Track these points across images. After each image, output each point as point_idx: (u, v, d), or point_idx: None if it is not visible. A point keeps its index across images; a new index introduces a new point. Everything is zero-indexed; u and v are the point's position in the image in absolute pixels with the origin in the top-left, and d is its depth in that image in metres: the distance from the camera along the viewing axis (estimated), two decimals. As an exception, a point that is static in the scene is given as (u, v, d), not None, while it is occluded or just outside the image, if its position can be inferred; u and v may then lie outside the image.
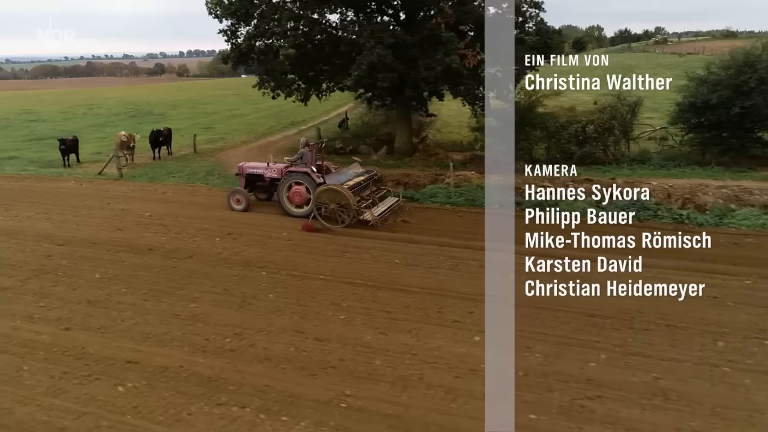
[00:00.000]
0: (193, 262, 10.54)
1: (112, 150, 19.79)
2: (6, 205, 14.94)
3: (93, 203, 15.08)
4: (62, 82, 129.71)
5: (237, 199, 14.11)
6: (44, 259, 10.76)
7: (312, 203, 12.93)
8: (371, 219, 12.53)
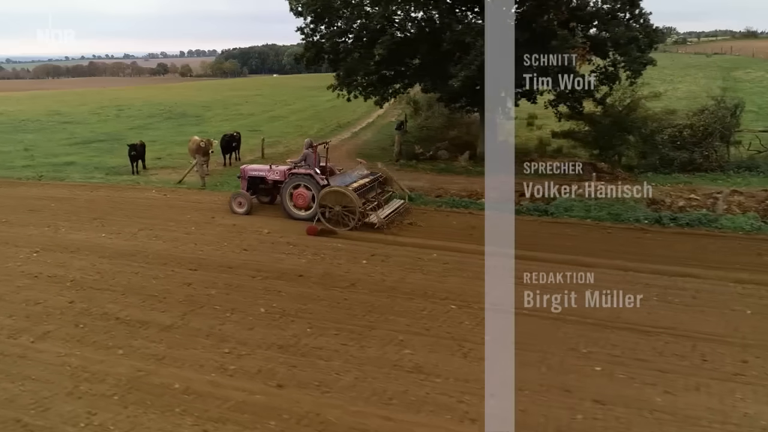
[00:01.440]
0: (360, 291, 9.12)
1: (195, 157, 18.36)
2: (100, 220, 13.50)
3: (195, 217, 13.64)
4: (66, 82, 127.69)
5: (239, 202, 13.64)
6: (186, 288, 9.32)
7: (316, 206, 12.48)
8: (377, 222, 12.16)
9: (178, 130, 31.88)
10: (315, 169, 13.00)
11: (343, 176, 13.30)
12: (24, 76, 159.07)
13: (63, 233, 12.55)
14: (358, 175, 13.63)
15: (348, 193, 12.26)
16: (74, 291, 9.24)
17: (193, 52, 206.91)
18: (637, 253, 10.58)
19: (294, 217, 13.02)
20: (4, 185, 18.16)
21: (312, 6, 18.27)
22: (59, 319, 8.22)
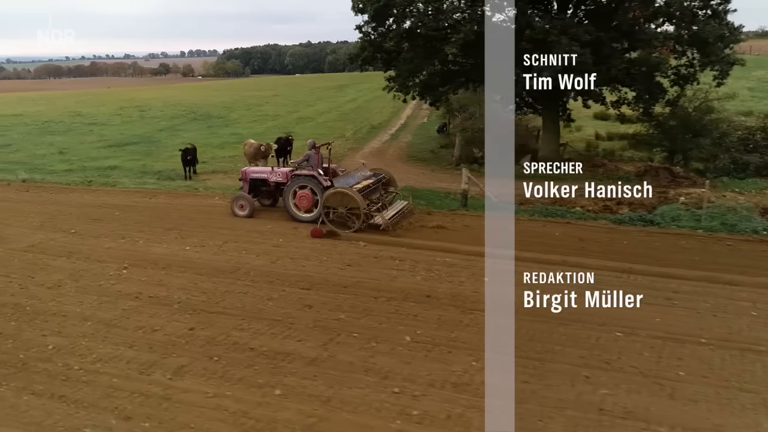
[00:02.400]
0: (505, 317, 8.18)
1: (251, 162, 17.46)
2: (176, 230, 12.57)
3: (277, 228, 12.74)
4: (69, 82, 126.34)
5: (240, 205, 13.38)
6: (309, 312, 8.42)
7: (320, 207, 12.28)
8: (382, 223, 11.99)
9: (210, 131, 30.95)
10: (318, 170, 12.69)
11: (346, 177, 12.93)
12: (25, 76, 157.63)
13: (143, 246, 11.60)
14: (361, 176, 13.28)
15: (352, 194, 11.98)
16: (188, 315, 8.30)
17: (194, 52, 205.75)
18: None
19: (297, 219, 12.72)
20: (54, 191, 17.23)
21: (376, 3, 17.33)
22: (187, 349, 7.29)
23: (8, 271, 10.15)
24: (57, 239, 12.09)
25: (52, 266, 10.45)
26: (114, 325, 8.00)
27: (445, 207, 14.36)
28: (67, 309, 8.53)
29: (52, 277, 9.87)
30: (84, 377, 6.66)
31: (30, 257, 10.95)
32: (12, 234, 12.46)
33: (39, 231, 12.78)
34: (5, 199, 16.17)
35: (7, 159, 23.64)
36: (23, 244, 11.73)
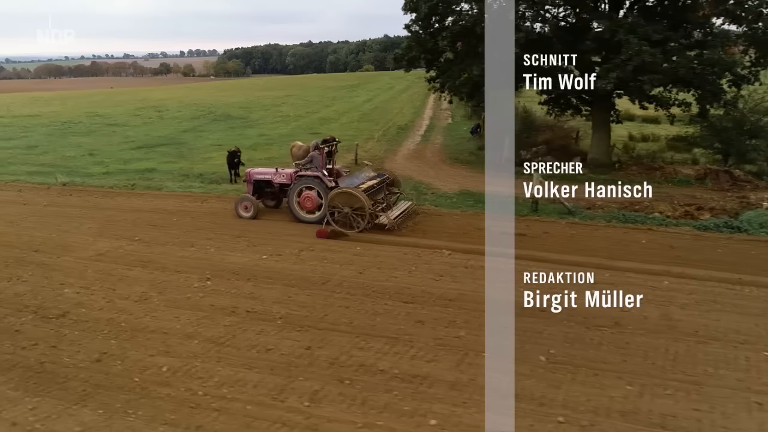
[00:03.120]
0: (629, 331, 7.74)
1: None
2: (244, 238, 12.05)
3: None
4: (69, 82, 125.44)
5: (245, 206, 13.34)
6: (424, 328, 7.92)
7: (324, 208, 12.20)
8: (387, 223, 12.00)
9: (236, 132, 30.40)
10: (322, 171, 12.63)
11: (350, 178, 12.95)
12: (25, 75, 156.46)
13: (216, 254, 11.05)
14: (365, 177, 13.27)
15: (358, 194, 11.93)
16: (296, 332, 7.77)
17: (193, 52, 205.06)
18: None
19: (302, 220, 12.68)
20: (98, 195, 16.67)
21: (430, 1, 16.79)
22: (312, 372, 6.75)
23: (86, 283, 9.59)
24: (124, 247, 11.52)
25: (129, 277, 9.89)
26: (223, 344, 7.44)
27: (510, 212, 13.80)
28: (165, 325, 7.98)
29: (135, 289, 9.31)
30: (214, 404, 6.12)
31: (103, 267, 10.39)
32: (75, 242, 11.90)
33: (100, 238, 12.21)
34: (52, 204, 15.60)
35: (38, 161, 23.04)
36: (90, 253, 11.17)
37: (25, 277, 9.95)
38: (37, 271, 10.25)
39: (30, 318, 8.29)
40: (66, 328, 7.94)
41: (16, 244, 11.79)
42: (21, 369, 6.91)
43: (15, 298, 8.98)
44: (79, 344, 7.47)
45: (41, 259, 10.90)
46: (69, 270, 10.27)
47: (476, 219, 13.22)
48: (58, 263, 10.65)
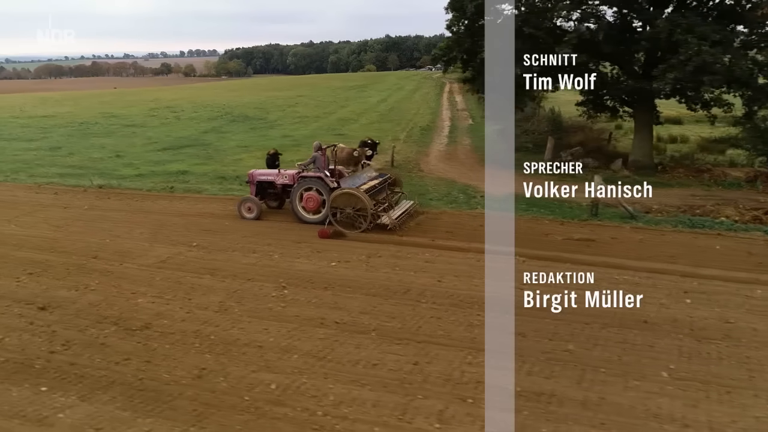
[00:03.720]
0: (739, 344, 7.35)
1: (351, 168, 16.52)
2: (307, 243, 11.71)
3: (413, 239, 11.81)
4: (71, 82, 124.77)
5: (248, 207, 13.39)
6: (531, 342, 7.56)
7: (327, 208, 12.34)
8: (389, 223, 12.05)
9: (258, 133, 30.04)
10: (325, 171, 12.70)
11: (353, 178, 13.01)
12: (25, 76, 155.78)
13: (282, 261, 10.69)
14: (367, 177, 13.37)
15: (359, 194, 12.08)
16: (396, 345, 7.43)
17: (193, 52, 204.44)
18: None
19: (304, 220, 12.77)
20: (138, 198, 16.28)
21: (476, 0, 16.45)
22: (428, 389, 6.45)
23: (158, 292, 9.22)
24: (184, 253, 11.15)
25: (201, 285, 9.52)
26: (324, 358, 7.08)
27: (568, 216, 13.51)
28: (257, 338, 7.61)
29: (211, 299, 8.95)
30: (338, 426, 5.77)
31: (169, 275, 10.01)
32: (131, 248, 11.53)
33: (156, 244, 11.84)
34: (94, 207, 15.22)
35: (65, 163, 22.62)
36: (151, 260, 10.80)
37: (92, 285, 9.57)
38: (103, 278, 9.87)
39: (113, 330, 7.91)
40: (153, 341, 7.56)
41: (72, 250, 11.42)
42: (120, 386, 6.53)
43: (91, 309, 8.60)
44: (174, 359, 7.09)
45: (103, 266, 10.52)
46: (135, 278, 9.89)
47: (536, 224, 12.89)
48: (121, 271, 10.26)
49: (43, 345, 7.52)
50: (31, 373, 6.84)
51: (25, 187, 18.22)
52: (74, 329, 7.96)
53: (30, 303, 8.84)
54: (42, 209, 15.17)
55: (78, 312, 8.50)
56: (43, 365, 7.02)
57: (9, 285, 9.63)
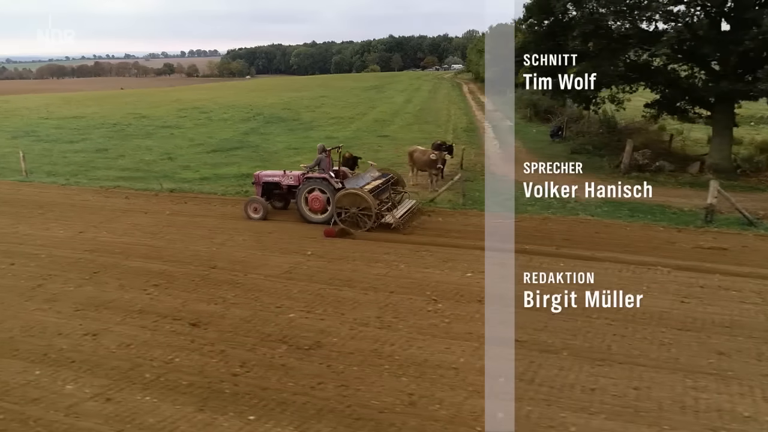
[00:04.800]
0: None
1: (415, 170, 16.35)
2: (432, 253, 11.09)
3: (531, 247, 11.30)
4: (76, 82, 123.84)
5: (254, 208, 13.60)
6: (738, 363, 6.99)
7: (332, 208, 12.55)
8: (393, 222, 12.31)
9: (300, 135, 29.46)
10: (329, 172, 12.89)
11: (356, 179, 13.16)
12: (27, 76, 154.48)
13: (414, 271, 10.16)
14: (370, 177, 13.55)
15: (364, 194, 12.29)
16: (598, 367, 6.88)
17: (194, 52, 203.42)
18: None
19: (310, 220, 12.95)
20: (217, 203, 15.81)
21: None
22: (670, 418, 5.90)
23: (305, 306, 8.68)
24: (304, 263, 10.62)
25: (346, 299, 8.98)
26: (533, 382, 6.58)
27: (679, 223, 13.01)
28: (445, 358, 7.09)
29: (365, 313, 8.41)
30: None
31: (305, 287, 9.47)
32: (245, 257, 10.99)
33: (267, 252, 11.31)
34: (177, 212, 14.65)
35: (119, 165, 22.02)
36: (275, 270, 10.25)
37: (230, 298, 9.01)
38: (237, 291, 9.32)
39: (285, 349, 7.36)
40: (335, 362, 7.02)
41: (184, 260, 10.86)
42: (332, 414, 6.01)
43: (246, 325, 8.05)
44: (371, 383, 6.55)
45: (227, 276, 9.96)
46: (271, 290, 9.34)
47: (651, 231, 12.39)
48: (251, 282, 9.71)
49: (220, 366, 6.96)
50: (226, 399, 6.29)
51: (92, 190, 17.62)
52: (242, 348, 7.40)
53: (177, 318, 8.26)
54: (123, 214, 14.60)
55: (235, 329, 7.93)
56: (232, 389, 6.47)
57: (142, 298, 9.06)
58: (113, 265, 10.64)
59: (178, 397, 6.30)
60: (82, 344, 7.55)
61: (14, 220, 14.07)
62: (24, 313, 8.58)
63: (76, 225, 13.55)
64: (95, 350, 7.37)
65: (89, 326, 8.06)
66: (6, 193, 17.34)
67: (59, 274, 10.21)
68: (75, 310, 8.60)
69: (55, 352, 7.37)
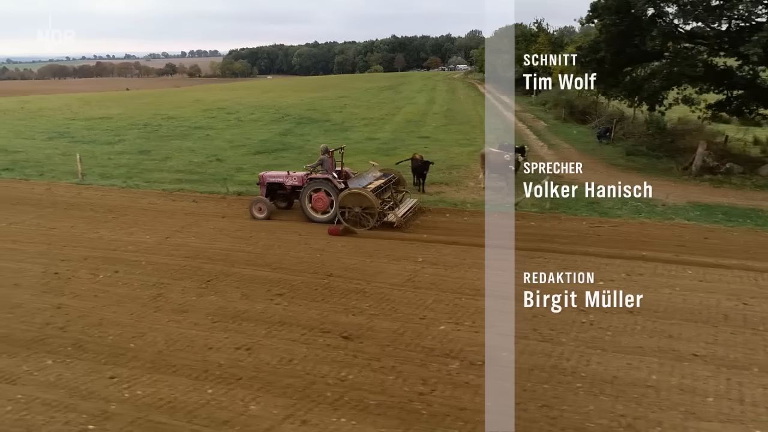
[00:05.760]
0: None
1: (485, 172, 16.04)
2: (547, 259, 10.70)
3: (651, 252, 10.92)
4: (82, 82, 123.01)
5: (259, 208, 13.80)
6: None
7: (336, 208, 12.77)
8: (395, 220, 12.54)
9: (337, 136, 28.98)
10: (332, 173, 13.13)
11: (359, 179, 13.41)
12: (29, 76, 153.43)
13: (539, 278, 9.68)
14: (372, 177, 13.77)
15: (367, 194, 12.53)
16: None
17: (194, 53, 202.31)
18: None
19: (313, 220, 13.18)
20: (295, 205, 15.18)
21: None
22: None
23: (449, 317, 8.36)
24: (421, 270, 10.30)
25: (487, 308, 8.53)
26: (743, 402, 6.14)
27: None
28: (634, 375, 6.75)
29: (517, 325, 7.98)
30: None
31: (436, 296, 9.13)
32: (356, 264, 10.62)
33: (377, 259, 10.93)
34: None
35: (169, 167, 21.55)
36: (398, 278, 9.87)
37: (367, 309, 8.63)
38: (369, 301, 8.95)
39: (458, 365, 6.94)
40: (519, 379, 6.59)
41: (294, 267, 10.49)
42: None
43: (401, 338, 7.68)
44: (572, 403, 6.19)
45: (350, 285, 9.59)
46: (403, 300, 8.96)
47: (758, 236, 12.06)
48: (376, 290, 9.33)
49: (401, 384, 6.56)
50: (427, 421, 5.90)
51: (155, 193, 17.17)
52: (411, 364, 7.00)
53: (325, 331, 7.86)
54: (200, 219, 14.20)
55: (392, 342, 7.54)
56: (428, 410, 6.08)
57: (274, 309, 8.65)
58: (222, 273, 10.22)
59: (376, 419, 5.90)
60: (240, 359, 7.12)
61: (92, 225, 13.62)
62: (159, 324, 8.16)
63: (158, 230, 13.12)
64: (257, 366, 6.95)
65: (236, 339, 7.63)
66: (69, 196, 16.89)
67: (171, 283, 9.78)
68: (213, 322, 8.17)
69: (215, 367, 6.94)
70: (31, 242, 12.30)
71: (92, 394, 6.40)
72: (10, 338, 7.83)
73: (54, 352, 7.43)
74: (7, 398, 6.33)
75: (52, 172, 20.53)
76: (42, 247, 11.92)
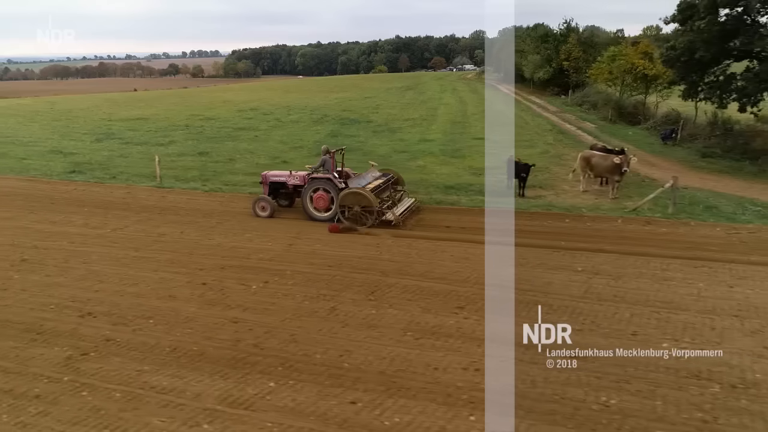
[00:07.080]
0: None
1: (588, 174, 15.65)
2: (664, 268, 10.20)
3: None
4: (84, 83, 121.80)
5: (262, 206, 14.15)
6: None
7: (336, 206, 13.08)
8: (393, 219, 12.80)
9: (391, 138, 28.56)
10: (333, 173, 13.42)
11: (359, 178, 13.73)
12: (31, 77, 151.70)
13: (658, 287, 9.24)
14: (372, 177, 14.10)
15: (366, 193, 12.87)
16: None
17: (195, 53, 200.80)
18: None
19: (315, 218, 13.49)
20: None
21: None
22: None
23: (655, 329, 7.73)
24: (593, 281, 9.67)
25: (676, 320, 8.03)
26: None
27: None
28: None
29: (742, 342, 7.48)
30: None
31: (632, 310, 8.54)
32: (525, 275, 10.03)
33: (530, 269, 10.37)
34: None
35: (239, 170, 21.01)
36: (575, 290, 9.35)
37: (571, 321, 8.04)
38: (568, 314, 8.37)
39: (718, 389, 6.40)
40: None
41: (458, 278, 9.96)
42: None
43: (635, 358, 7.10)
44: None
45: (527, 297, 9.02)
46: (594, 313, 8.42)
47: None
48: (560, 303, 8.79)
49: (677, 412, 6.01)
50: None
51: (243, 197, 16.61)
52: (668, 388, 6.44)
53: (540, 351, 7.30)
54: (309, 225, 13.63)
55: (632, 363, 6.97)
56: None
57: (467, 323, 8.15)
58: (380, 283, 9.68)
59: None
60: (476, 380, 6.58)
61: (202, 232, 13.06)
62: (357, 341, 7.61)
63: (274, 236, 12.58)
64: (501, 390, 6.40)
65: (456, 359, 7.09)
66: (154, 200, 16.32)
67: (334, 294, 9.24)
68: (415, 339, 7.64)
69: (454, 390, 6.42)
70: (152, 249, 11.72)
71: (347, 422, 5.85)
72: (207, 356, 7.29)
73: (266, 372, 6.88)
74: (258, 427, 5.77)
75: (122, 174, 19.92)
76: (168, 255, 11.35)
